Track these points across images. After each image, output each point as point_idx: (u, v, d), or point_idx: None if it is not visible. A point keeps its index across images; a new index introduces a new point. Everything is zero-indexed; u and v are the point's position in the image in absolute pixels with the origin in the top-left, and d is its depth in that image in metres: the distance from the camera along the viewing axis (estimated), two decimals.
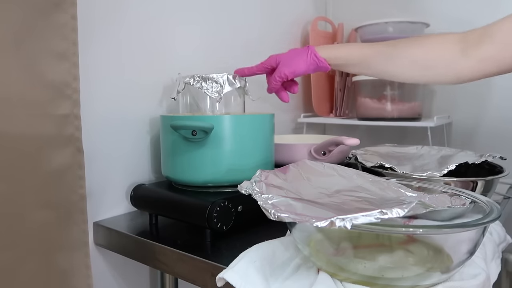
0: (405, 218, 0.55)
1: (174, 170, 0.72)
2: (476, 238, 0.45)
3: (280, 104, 0.85)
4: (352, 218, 0.39)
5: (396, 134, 1.26)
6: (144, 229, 0.70)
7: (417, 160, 0.85)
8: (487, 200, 0.50)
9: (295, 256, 0.51)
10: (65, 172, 0.60)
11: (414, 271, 0.45)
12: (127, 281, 0.80)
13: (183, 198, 0.67)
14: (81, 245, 0.63)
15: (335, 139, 0.79)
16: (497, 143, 1.09)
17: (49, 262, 0.60)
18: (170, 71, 0.85)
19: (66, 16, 0.59)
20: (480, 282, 0.46)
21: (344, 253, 0.48)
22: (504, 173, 0.73)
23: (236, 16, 1.02)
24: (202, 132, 0.67)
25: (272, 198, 0.45)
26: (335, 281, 0.45)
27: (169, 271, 0.62)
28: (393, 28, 1.09)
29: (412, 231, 0.43)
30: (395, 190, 0.57)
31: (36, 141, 0.57)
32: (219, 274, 0.47)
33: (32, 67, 0.56)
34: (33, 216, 0.58)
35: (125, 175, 0.78)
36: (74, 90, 0.61)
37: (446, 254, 0.46)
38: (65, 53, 0.59)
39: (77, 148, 0.62)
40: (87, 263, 0.64)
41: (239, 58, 1.03)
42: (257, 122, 0.73)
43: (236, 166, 0.69)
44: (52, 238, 0.60)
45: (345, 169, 0.62)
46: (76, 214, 0.62)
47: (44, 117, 0.58)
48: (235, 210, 0.63)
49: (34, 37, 0.56)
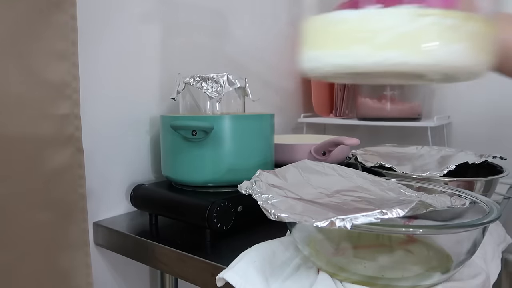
0: (405, 218, 0.55)
1: (174, 170, 0.72)
2: (476, 238, 0.45)
3: (280, 104, 0.85)
4: (352, 218, 0.39)
5: (396, 134, 1.26)
6: (144, 229, 0.70)
7: (417, 160, 0.85)
8: (487, 200, 0.50)
9: (295, 256, 0.51)
10: (65, 171, 0.61)
11: (414, 271, 0.45)
12: (127, 281, 0.80)
13: (183, 198, 0.67)
14: (81, 244, 0.63)
15: (335, 139, 0.79)
16: (497, 143, 1.09)
17: (50, 262, 0.60)
18: (170, 71, 0.85)
19: (66, 16, 0.59)
20: (480, 282, 0.46)
21: (344, 253, 0.48)
22: (504, 173, 0.73)
23: (236, 15, 1.02)
24: (202, 132, 0.67)
25: (272, 198, 0.45)
26: (335, 281, 0.45)
27: (169, 271, 0.62)
28: None
29: (412, 231, 0.43)
30: (395, 190, 0.57)
31: (36, 141, 0.57)
32: (219, 274, 0.47)
33: (31, 67, 0.56)
34: (34, 216, 0.58)
35: (125, 175, 0.78)
36: (74, 90, 0.61)
37: (446, 254, 0.46)
38: (65, 53, 0.59)
39: (77, 148, 0.62)
40: (87, 262, 0.64)
41: (238, 58, 1.03)
42: (257, 122, 0.73)
43: (236, 166, 0.69)
44: (52, 237, 0.60)
45: (345, 169, 0.62)
46: (76, 213, 0.62)
47: (44, 117, 0.58)
48: (235, 210, 0.63)
49: (34, 37, 0.56)
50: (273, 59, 1.16)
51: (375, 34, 0.26)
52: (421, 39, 0.27)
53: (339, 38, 0.28)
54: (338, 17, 0.29)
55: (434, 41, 0.27)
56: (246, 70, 1.05)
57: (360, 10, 0.28)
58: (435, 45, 0.27)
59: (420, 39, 0.27)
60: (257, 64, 1.10)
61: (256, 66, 1.10)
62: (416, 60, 0.27)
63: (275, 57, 1.17)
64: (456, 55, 0.27)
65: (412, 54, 0.27)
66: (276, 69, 1.18)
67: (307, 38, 0.30)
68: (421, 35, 0.27)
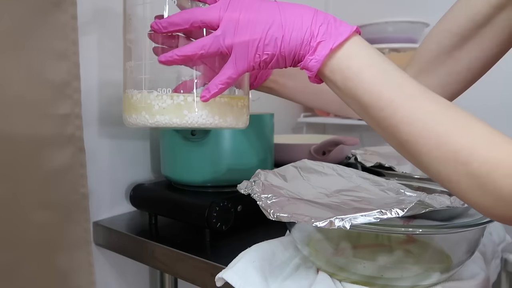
0: (404, 218, 0.55)
1: (174, 170, 0.72)
2: (476, 238, 0.45)
3: (280, 104, 0.85)
4: (351, 218, 0.39)
5: None
6: (143, 229, 0.69)
7: None
8: None
9: (294, 256, 0.51)
10: (66, 171, 0.61)
11: (414, 271, 0.45)
12: (126, 281, 0.80)
13: (182, 198, 0.67)
14: (83, 243, 0.64)
15: (335, 139, 0.79)
16: None
17: (52, 261, 0.60)
18: (171, 70, 0.85)
19: (66, 15, 0.59)
20: (480, 282, 0.46)
21: (343, 253, 0.48)
22: None
23: None
24: (201, 132, 0.67)
25: (272, 198, 0.45)
26: (335, 281, 0.45)
27: (169, 271, 0.62)
28: (392, 27, 1.09)
29: (411, 231, 0.43)
30: (394, 190, 0.57)
31: (37, 141, 0.57)
32: (219, 274, 0.47)
33: (32, 67, 0.56)
34: (36, 215, 0.58)
35: (125, 174, 0.78)
36: (75, 89, 0.61)
37: (445, 254, 0.46)
38: (66, 52, 0.59)
39: (78, 147, 0.62)
40: (89, 261, 0.64)
41: None
42: (257, 122, 0.73)
43: (235, 166, 0.69)
44: (54, 236, 0.60)
45: (345, 169, 0.62)
46: (78, 212, 0.63)
47: (45, 116, 0.58)
48: (235, 210, 0.63)
49: (35, 37, 0.56)
50: None
51: (151, 106, 0.44)
52: (176, 109, 0.44)
53: (133, 107, 0.46)
54: (133, 94, 0.46)
55: (183, 110, 0.43)
56: None
57: (143, 91, 0.45)
58: (184, 112, 0.43)
59: (175, 109, 0.44)
60: None
61: None
62: (175, 121, 0.44)
63: None
64: (198, 118, 0.44)
65: (173, 118, 0.44)
66: None
67: (123, 105, 0.49)
68: (174, 108, 0.44)
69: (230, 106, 0.45)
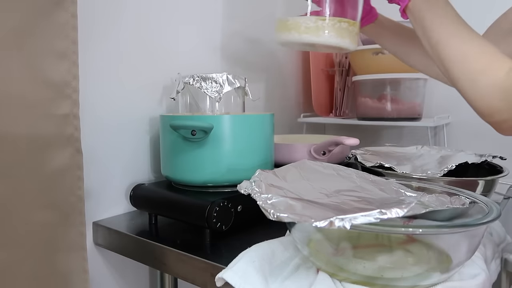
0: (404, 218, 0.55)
1: (174, 170, 0.72)
2: (476, 238, 0.45)
3: (280, 104, 0.85)
4: (352, 218, 0.38)
5: (396, 134, 1.26)
6: (143, 229, 0.69)
7: (417, 160, 0.85)
8: (486, 200, 0.50)
9: (294, 256, 0.51)
10: (64, 173, 0.60)
11: (414, 271, 0.45)
12: (126, 281, 0.80)
13: (182, 198, 0.67)
14: (78, 248, 0.62)
15: (335, 139, 0.79)
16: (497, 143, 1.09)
17: (47, 264, 0.59)
18: (170, 71, 0.85)
19: (66, 14, 0.59)
20: (480, 282, 0.46)
21: (343, 253, 0.48)
22: (504, 173, 0.73)
23: (235, 15, 1.02)
24: (201, 132, 0.67)
25: (272, 198, 0.45)
26: (335, 281, 0.45)
27: (169, 271, 0.62)
28: None
29: (411, 231, 0.43)
30: (395, 190, 0.57)
31: (35, 142, 0.57)
32: (219, 274, 0.47)
33: (32, 66, 0.56)
34: (32, 217, 0.57)
35: (125, 174, 0.78)
36: (73, 89, 0.60)
37: (445, 254, 0.46)
38: (65, 52, 0.59)
39: (76, 148, 0.61)
40: (84, 267, 0.63)
41: (238, 58, 1.03)
42: (257, 122, 0.73)
43: (235, 166, 0.69)
44: (50, 239, 0.59)
45: (345, 169, 0.62)
46: (74, 215, 0.61)
47: (44, 117, 0.58)
48: (235, 210, 0.63)
49: (34, 36, 0.56)
50: (272, 58, 1.16)
51: (299, 26, 0.60)
52: (319, 29, 0.59)
53: (287, 28, 0.61)
54: (288, 19, 0.61)
55: (324, 30, 0.59)
56: (246, 70, 1.05)
57: (295, 17, 0.61)
58: (324, 33, 0.59)
59: (318, 29, 0.59)
60: (256, 64, 1.10)
61: (256, 65, 1.10)
62: (315, 39, 0.60)
63: (275, 57, 1.17)
64: (329, 38, 0.60)
65: (313, 36, 0.59)
66: (276, 68, 1.18)
67: (277, 27, 0.63)
68: (318, 27, 0.59)
69: (349, 31, 0.61)
